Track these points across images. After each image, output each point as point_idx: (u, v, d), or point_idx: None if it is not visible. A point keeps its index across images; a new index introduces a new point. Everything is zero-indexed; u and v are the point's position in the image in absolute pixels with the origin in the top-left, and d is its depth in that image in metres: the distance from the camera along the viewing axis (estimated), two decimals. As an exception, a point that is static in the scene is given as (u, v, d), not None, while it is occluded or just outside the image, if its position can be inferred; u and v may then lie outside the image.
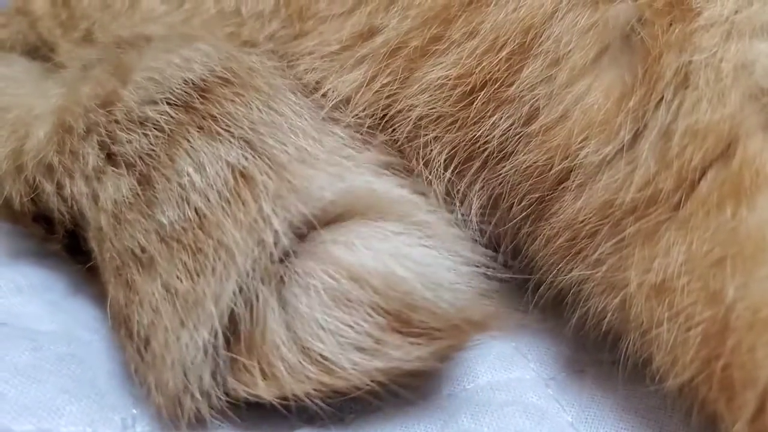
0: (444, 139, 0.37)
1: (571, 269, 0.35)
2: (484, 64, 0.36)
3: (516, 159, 0.36)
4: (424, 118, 0.37)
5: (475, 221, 0.38)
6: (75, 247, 0.41)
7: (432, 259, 0.35)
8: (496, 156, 0.37)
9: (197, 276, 0.33)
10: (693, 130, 0.32)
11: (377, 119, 0.38)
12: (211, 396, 0.33)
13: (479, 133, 0.36)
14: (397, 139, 0.38)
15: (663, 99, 0.33)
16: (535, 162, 0.35)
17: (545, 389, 0.37)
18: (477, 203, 0.38)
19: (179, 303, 0.33)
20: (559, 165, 0.35)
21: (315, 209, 0.34)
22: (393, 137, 0.38)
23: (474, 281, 0.36)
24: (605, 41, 0.34)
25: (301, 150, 0.36)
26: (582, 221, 0.34)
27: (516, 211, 0.37)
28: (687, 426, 0.34)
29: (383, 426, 0.35)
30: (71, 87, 0.41)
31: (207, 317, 0.32)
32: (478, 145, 0.37)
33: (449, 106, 0.37)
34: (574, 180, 0.35)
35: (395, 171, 0.38)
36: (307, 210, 0.33)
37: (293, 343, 0.32)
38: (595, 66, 0.34)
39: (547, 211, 0.36)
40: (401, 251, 0.34)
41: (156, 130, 0.37)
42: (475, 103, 0.36)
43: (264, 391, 0.33)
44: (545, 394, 0.37)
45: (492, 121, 0.36)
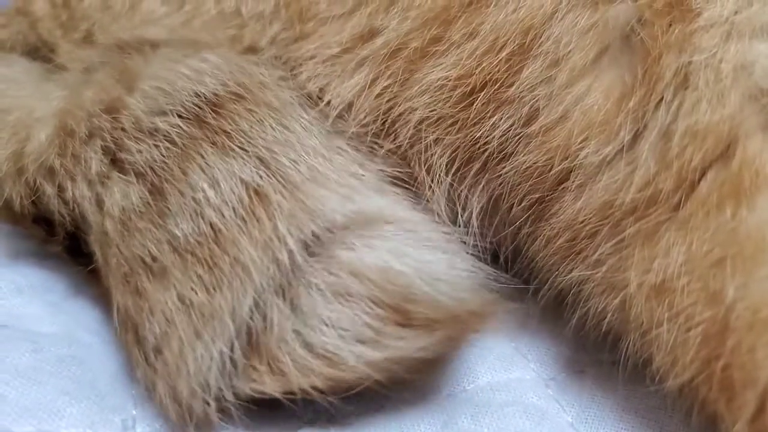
0: (445, 141, 0.37)
1: (571, 270, 0.35)
2: (484, 64, 0.36)
3: (516, 160, 0.36)
4: (424, 120, 0.37)
5: (476, 224, 0.38)
6: (75, 249, 0.41)
7: (431, 257, 0.35)
8: (496, 157, 0.37)
9: (213, 290, 0.34)
10: (693, 130, 0.32)
11: (380, 124, 0.39)
12: (221, 399, 0.33)
13: (479, 134, 0.36)
14: (400, 145, 0.38)
15: (663, 99, 0.33)
16: (535, 162, 0.35)
17: (545, 389, 0.37)
18: (477, 206, 0.38)
19: (195, 314, 0.34)
20: (559, 165, 0.35)
21: (326, 230, 0.35)
22: (396, 143, 0.39)
23: (473, 275, 0.36)
24: (605, 42, 0.34)
25: (313, 169, 0.36)
26: (582, 222, 0.34)
27: (516, 212, 0.37)
28: (687, 426, 0.34)
29: (383, 426, 0.35)
30: (73, 90, 0.41)
31: (224, 330, 0.33)
32: (478, 146, 0.37)
33: (449, 107, 0.37)
34: (574, 180, 0.35)
35: (400, 183, 0.39)
36: (320, 231, 0.34)
37: (298, 338, 0.33)
38: (595, 66, 0.34)
39: (547, 212, 0.36)
40: (400, 249, 0.35)
41: (167, 142, 0.37)
42: (475, 104, 0.36)
43: (271, 387, 0.33)
44: (545, 394, 0.37)
45: (492, 122, 0.36)
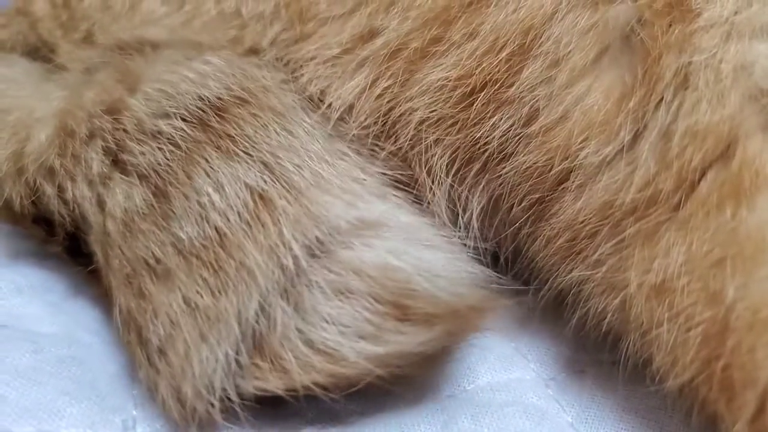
0: (445, 142, 0.37)
1: (571, 270, 0.35)
2: (484, 65, 0.36)
3: (516, 160, 0.36)
4: (425, 121, 0.37)
5: (476, 225, 0.38)
6: (75, 250, 0.41)
7: (430, 255, 0.35)
8: (496, 157, 0.37)
9: (219, 293, 0.34)
10: (693, 130, 0.32)
11: (380, 126, 0.39)
12: (224, 400, 0.33)
13: (479, 135, 0.36)
14: (401, 147, 0.38)
15: (663, 100, 0.33)
16: (535, 163, 0.35)
17: (545, 390, 0.37)
18: (478, 207, 0.38)
19: (200, 317, 0.34)
20: (559, 166, 0.35)
21: (330, 236, 0.35)
22: (397, 145, 0.39)
23: (472, 271, 0.36)
24: (605, 42, 0.34)
25: (316, 175, 0.37)
26: (582, 222, 0.34)
27: (516, 212, 0.37)
28: (687, 426, 0.34)
29: (383, 426, 0.35)
30: (74, 90, 0.41)
31: (230, 333, 0.33)
32: (478, 147, 0.37)
33: (449, 107, 0.37)
34: (574, 181, 0.35)
35: (402, 186, 0.39)
36: (324, 237, 0.35)
37: (300, 335, 0.33)
38: (595, 67, 0.34)
39: (547, 212, 0.36)
40: (399, 248, 0.35)
41: (171, 145, 0.37)
42: (475, 105, 0.36)
43: (274, 384, 0.33)
44: (545, 394, 0.37)
45: (492, 122, 0.36)
